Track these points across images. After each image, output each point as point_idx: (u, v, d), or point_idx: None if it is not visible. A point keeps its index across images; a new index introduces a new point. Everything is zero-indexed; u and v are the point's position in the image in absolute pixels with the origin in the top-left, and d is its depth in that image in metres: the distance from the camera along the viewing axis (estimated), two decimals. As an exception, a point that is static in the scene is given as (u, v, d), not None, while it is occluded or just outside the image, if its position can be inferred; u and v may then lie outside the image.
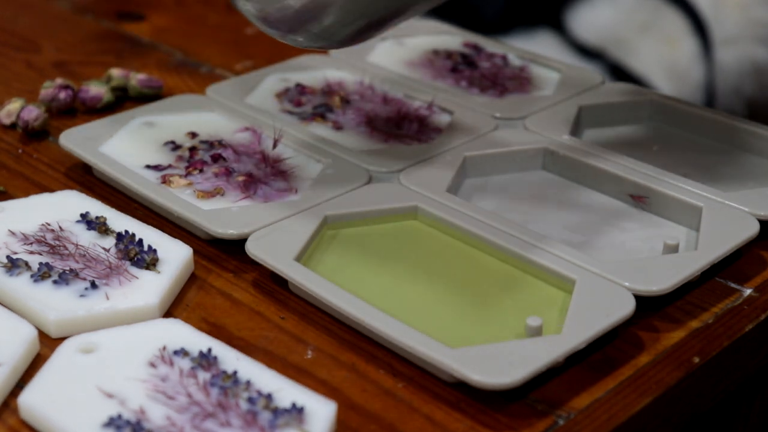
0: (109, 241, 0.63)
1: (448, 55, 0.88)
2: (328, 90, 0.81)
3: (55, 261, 0.60)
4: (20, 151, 0.77)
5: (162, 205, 0.66)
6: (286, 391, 0.51)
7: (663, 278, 0.59)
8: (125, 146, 0.73)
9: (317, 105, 0.79)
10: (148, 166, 0.70)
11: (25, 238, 0.62)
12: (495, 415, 0.52)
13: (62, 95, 0.81)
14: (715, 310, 0.60)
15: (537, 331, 0.55)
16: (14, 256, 0.60)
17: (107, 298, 0.58)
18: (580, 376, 0.55)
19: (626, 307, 0.56)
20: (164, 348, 0.54)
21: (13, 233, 0.63)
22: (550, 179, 0.72)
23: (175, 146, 0.73)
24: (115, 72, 0.84)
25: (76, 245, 0.62)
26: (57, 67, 0.91)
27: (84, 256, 0.61)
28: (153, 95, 0.84)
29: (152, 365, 0.53)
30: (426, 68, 0.86)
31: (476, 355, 0.53)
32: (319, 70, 0.85)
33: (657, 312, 0.60)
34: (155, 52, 0.94)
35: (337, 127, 0.76)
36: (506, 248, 0.62)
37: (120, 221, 0.64)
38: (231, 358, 0.53)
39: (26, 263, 0.60)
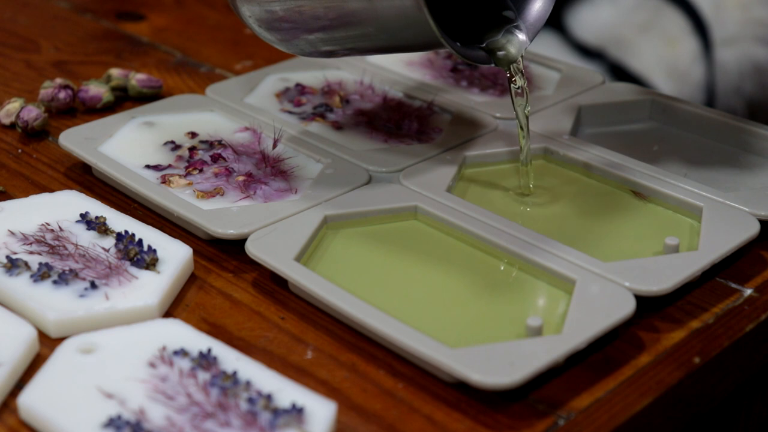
0: (109, 241, 0.63)
1: (448, 54, 0.88)
2: (328, 90, 0.81)
3: (54, 261, 0.60)
4: (20, 151, 0.77)
5: (162, 205, 0.66)
6: (286, 391, 0.51)
7: (663, 278, 0.59)
8: (125, 146, 0.73)
9: (317, 105, 0.79)
10: (147, 166, 0.70)
11: (25, 238, 0.62)
12: (495, 415, 0.52)
13: (62, 95, 0.81)
14: (715, 310, 0.60)
15: (537, 331, 0.55)
16: (14, 256, 0.60)
17: (107, 298, 0.58)
18: (581, 376, 0.55)
19: (626, 307, 0.56)
20: (164, 348, 0.54)
21: (12, 233, 0.63)
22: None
23: (174, 146, 0.73)
24: (115, 72, 0.84)
25: (76, 245, 0.62)
26: (56, 66, 0.91)
27: (84, 256, 0.61)
28: (153, 95, 0.84)
29: (152, 365, 0.53)
30: (426, 68, 0.86)
31: (476, 355, 0.53)
32: (319, 70, 0.85)
33: (657, 312, 0.60)
34: (155, 52, 0.94)
35: (337, 127, 0.76)
36: (506, 248, 0.62)
37: (120, 221, 0.64)
38: (231, 358, 0.53)
39: (26, 263, 0.60)
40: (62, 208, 0.66)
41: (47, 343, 0.56)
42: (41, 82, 0.83)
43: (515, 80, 0.66)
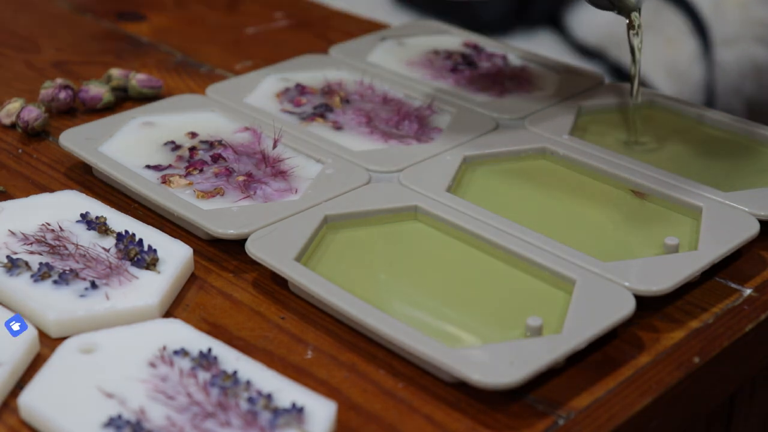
0: (109, 241, 0.63)
1: (448, 55, 0.88)
2: (328, 90, 0.81)
3: (55, 261, 0.60)
4: (20, 151, 0.77)
5: (162, 205, 0.66)
6: (286, 391, 0.51)
7: (663, 278, 0.59)
8: (125, 146, 0.73)
9: (317, 105, 0.79)
10: (148, 166, 0.70)
11: (25, 238, 0.62)
12: (495, 415, 0.52)
13: (62, 95, 0.81)
14: (715, 310, 0.60)
15: (537, 331, 0.55)
16: (14, 256, 0.60)
17: (107, 298, 0.58)
18: (580, 376, 0.55)
19: (626, 307, 0.56)
20: (164, 348, 0.54)
21: (13, 233, 0.63)
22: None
23: (175, 146, 0.73)
24: (115, 72, 0.84)
25: (76, 245, 0.62)
26: (57, 66, 0.91)
27: (84, 256, 0.61)
28: (153, 95, 0.84)
29: (152, 365, 0.53)
30: (426, 68, 0.86)
31: (476, 355, 0.53)
32: (319, 70, 0.85)
33: (657, 312, 0.60)
34: (155, 52, 0.94)
35: (337, 127, 0.76)
36: (506, 248, 0.62)
37: (120, 221, 0.64)
38: (231, 358, 0.53)
39: (26, 263, 0.60)
40: (62, 208, 0.66)
41: (47, 343, 0.57)
42: (41, 82, 0.83)
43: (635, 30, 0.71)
